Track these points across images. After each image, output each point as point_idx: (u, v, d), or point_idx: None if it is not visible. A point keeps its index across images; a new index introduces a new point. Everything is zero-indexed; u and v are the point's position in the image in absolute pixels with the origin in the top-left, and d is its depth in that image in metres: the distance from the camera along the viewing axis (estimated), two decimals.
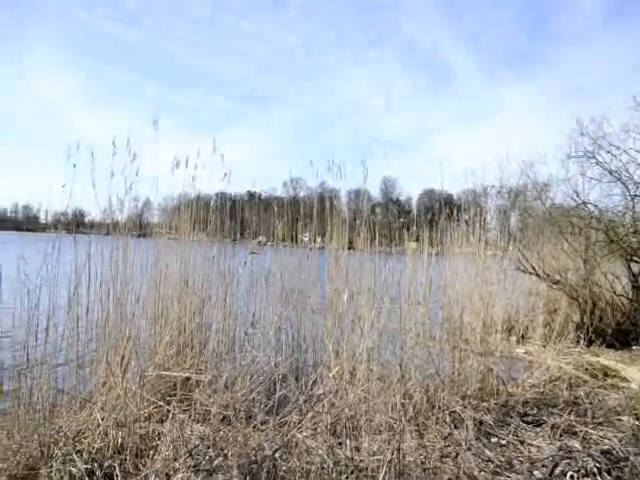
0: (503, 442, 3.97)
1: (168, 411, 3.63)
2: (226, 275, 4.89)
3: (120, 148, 4.37)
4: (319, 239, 6.18)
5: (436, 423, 4.10)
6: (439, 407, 4.29)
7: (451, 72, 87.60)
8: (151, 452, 3.29)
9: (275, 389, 3.95)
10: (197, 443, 3.22)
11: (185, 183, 4.90)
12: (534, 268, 8.45)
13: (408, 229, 5.88)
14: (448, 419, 4.16)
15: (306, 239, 6.45)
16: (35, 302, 3.65)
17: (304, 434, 3.30)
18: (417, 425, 3.88)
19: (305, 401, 3.67)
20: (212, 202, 5.10)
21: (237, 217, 5.59)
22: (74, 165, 3.93)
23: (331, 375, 3.84)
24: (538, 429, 4.22)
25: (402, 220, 6.08)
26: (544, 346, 7.32)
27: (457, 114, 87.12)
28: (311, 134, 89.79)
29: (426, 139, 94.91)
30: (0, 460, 3.13)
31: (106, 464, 3.18)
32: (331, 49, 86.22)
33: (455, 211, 6.52)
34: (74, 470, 3.05)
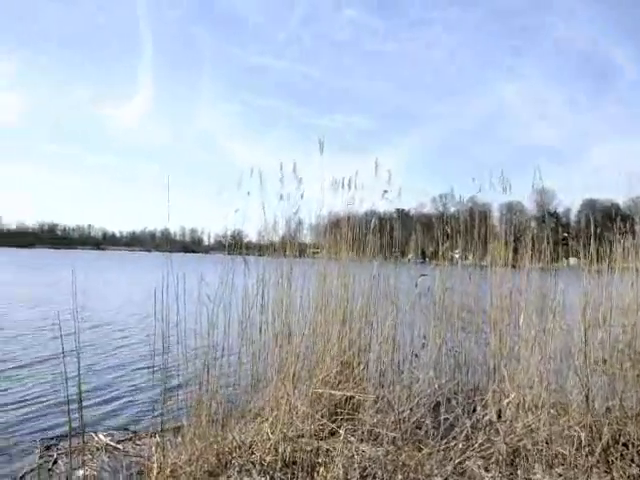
0: None
1: (332, 429, 3.70)
2: (388, 295, 4.88)
3: (278, 172, 4.62)
4: (470, 256, 5.95)
5: (621, 460, 3.66)
6: (623, 442, 3.82)
7: (611, 73, 79.56)
8: (320, 469, 3.35)
9: (439, 412, 3.84)
10: (368, 464, 3.23)
11: (342, 203, 5.02)
12: None
13: (567, 244, 5.42)
14: (636, 457, 3.69)
15: (457, 256, 6.24)
16: (214, 322, 3.96)
17: (476, 463, 3.15)
18: (600, 462, 3.49)
19: (472, 426, 3.51)
20: (372, 221, 5.12)
21: (395, 235, 5.56)
22: (248, 193, 4.24)
23: (506, 402, 3.62)
24: None
25: (565, 234, 5.61)
26: None
27: (619, 119, 78.29)
28: (459, 148, 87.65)
29: (585, 148, 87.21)
30: (186, 464, 3.41)
31: (277, 476, 3.32)
32: (476, 60, 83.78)
33: (628, 222, 5.89)
34: None
